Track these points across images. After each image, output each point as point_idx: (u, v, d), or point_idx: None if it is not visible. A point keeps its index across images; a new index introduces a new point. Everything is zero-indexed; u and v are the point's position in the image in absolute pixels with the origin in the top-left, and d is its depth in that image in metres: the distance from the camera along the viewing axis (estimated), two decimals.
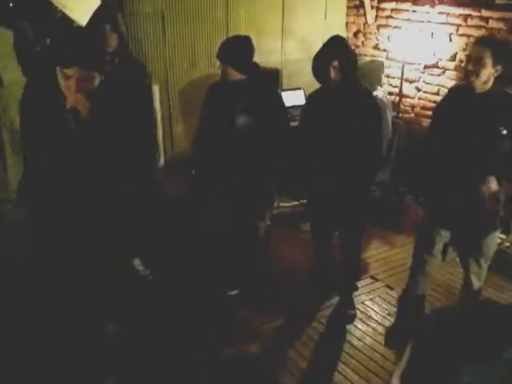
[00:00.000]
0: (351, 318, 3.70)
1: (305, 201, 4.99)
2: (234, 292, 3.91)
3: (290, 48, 5.55)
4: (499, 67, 2.76)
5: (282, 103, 3.79)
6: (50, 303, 2.92)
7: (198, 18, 4.80)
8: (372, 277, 4.23)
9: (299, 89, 5.39)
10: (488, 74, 2.77)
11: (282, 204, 5.04)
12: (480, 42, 2.88)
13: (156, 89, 4.40)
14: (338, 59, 3.16)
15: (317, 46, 5.55)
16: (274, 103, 3.63)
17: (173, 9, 4.62)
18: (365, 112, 3.26)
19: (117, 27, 3.61)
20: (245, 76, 3.47)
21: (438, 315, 1.07)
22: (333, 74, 3.18)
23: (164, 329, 3.50)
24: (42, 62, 3.59)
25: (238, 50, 3.46)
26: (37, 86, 2.57)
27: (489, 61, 2.73)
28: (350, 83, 3.26)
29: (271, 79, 4.82)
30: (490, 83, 2.81)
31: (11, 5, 3.66)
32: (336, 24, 5.83)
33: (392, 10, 5.45)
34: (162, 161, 4.56)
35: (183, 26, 4.73)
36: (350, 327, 3.63)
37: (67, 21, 3.98)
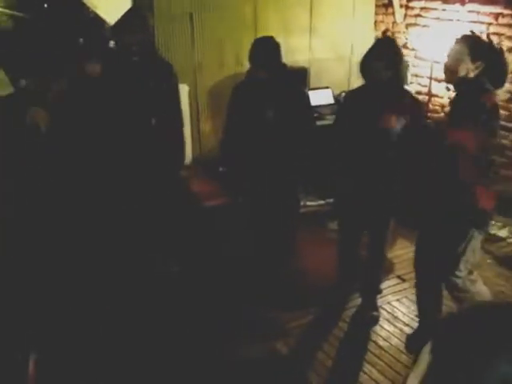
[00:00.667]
0: (374, 320, 3.67)
1: (331, 200, 5.01)
2: (256, 291, 3.92)
3: (317, 47, 5.54)
4: (479, 63, 2.78)
5: (308, 102, 3.79)
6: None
7: (225, 18, 4.84)
8: (399, 277, 4.19)
9: (327, 88, 5.38)
10: (466, 70, 2.80)
11: (308, 203, 5.04)
12: (458, 39, 2.94)
13: (185, 88, 4.44)
14: (387, 58, 3.16)
15: (345, 45, 5.60)
16: (299, 102, 3.63)
17: (201, 9, 4.66)
18: (410, 114, 3.24)
19: (144, 27, 3.64)
20: (273, 75, 3.48)
21: (459, 314, 1.06)
22: (382, 73, 3.17)
23: (191, 326, 3.53)
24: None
25: (267, 51, 3.48)
26: None
27: (466, 57, 2.77)
28: (394, 83, 3.25)
29: (299, 78, 4.82)
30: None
31: (46, 5, 3.74)
32: (364, 23, 5.80)
33: (421, 8, 5.41)
34: (187, 159, 4.60)
35: (211, 26, 4.77)
36: (376, 328, 3.61)
37: (100, 21, 4.07)
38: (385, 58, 3.16)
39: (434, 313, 3.23)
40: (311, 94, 4.63)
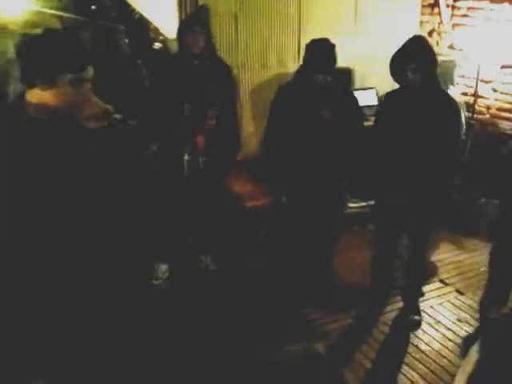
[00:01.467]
0: (416, 325, 3.62)
1: (372, 201, 4.97)
2: (297, 292, 3.93)
3: (362, 47, 5.50)
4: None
5: (357, 103, 3.77)
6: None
7: (269, 19, 4.85)
8: (442, 281, 4.14)
9: (371, 88, 5.34)
10: None
11: (350, 204, 5.02)
12: None
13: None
14: (416, 61, 3.10)
15: (390, 45, 5.53)
16: (349, 102, 3.63)
17: (246, 9, 4.68)
18: (446, 115, 3.20)
19: (207, 28, 3.64)
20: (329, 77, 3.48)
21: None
22: (410, 75, 3.12)
23: (230, 325, 3.56)
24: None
25: (326, 53, 3.48)
26: None
27: None
28: (429, 85, 3.19)
29: (344, 79, 4.81)
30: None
31: (93, 7, 3.83)
32: (410, 23, 5.73)
33: (468, 8, 5.31)
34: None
35: (255, 26, 4.79)
36: (418, 331, 3.57)
37: (145, 22, 4.15)
38: (413, 61, 3.10)
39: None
40: (356, 94, 4.60)
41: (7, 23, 3.53)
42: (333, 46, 3.49)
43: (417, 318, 3.66)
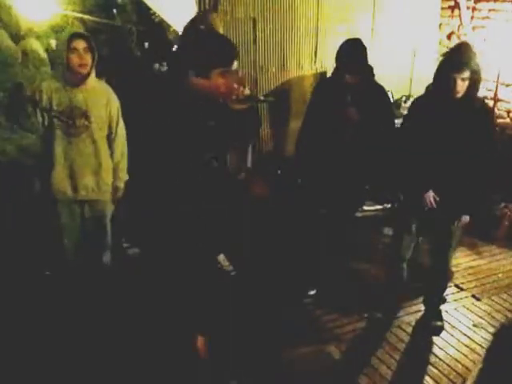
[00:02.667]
0: (438, 330, 3.61)
1: (389, 205, 4.97)
2: (313, 292, 3.95)
3: (380, 49, 5.49)
4: None
5: (389, 104, 3.77)
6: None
7: (287, 22, 4.89)
8: (457, 286, 4.12)
9: (387, 91, 5.32)
10: None
11: (365, 207, 5.02)
12: None
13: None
14: (469, 70, 3.02)
15: (408, 47, 5.53)
16: (382, 101, 3.65)
17: (264, 13, 4.72)
18: (483, 123, 3.19)
19: (211, 29, 3.67)
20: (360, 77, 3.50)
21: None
22: (460, 85, 3.04)
23: (242, 325, 3.58)
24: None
25: (359, 53, 3.50)
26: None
27: None
28: (471, 95, 3.13)
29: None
30: None
31: (115, 11, 3.89)
32: (429, 25, 5.71)
33: (489, 10, 5.27)
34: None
35: (273, 30, 4.82)
36: (432, 336, 3.57)
37: (165, 25, 4.20)
38: (466, 70, 3.02)
39: None
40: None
41: (33, 26, 3.61)
42: (363, 47, 3.49)
43: (439, 323, 3.64)
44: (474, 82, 3.08)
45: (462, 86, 3.04)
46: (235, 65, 2.61)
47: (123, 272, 3.98)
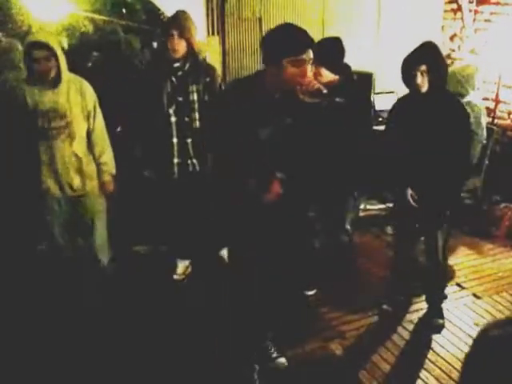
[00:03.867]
0: (439, 328, 3.66)
1: (391, 204, 5.01)
2: (311, 292, 4.00)
3: (383, 51, 5.54)
4: None
5: (370, 105, 3.80)
6: None
7: (293, 22, 4.90)
8: (458, 284, 4.17)
9: (391, 92, 5.38)
10: None
11: (368, 206, 5.07)
12: None
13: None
14: (426, 64, 3.14)
15: (411, 48, 5.55)
16: (362, 104, 3.68)
17: (270, 14, 4.76)
18: (452, 119, 3.24)
19: (184, 32, 3.61)
20: (337, 76, 3.51)
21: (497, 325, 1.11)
22: (419, 79, 3.16)
23: (246, 322, 3.60)
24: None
25: (331, 50, 3.51)
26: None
27: None
28: (437, 89, 3.23)
29: (364, 82, 4.84)
30: None
31: (124, 10, 3.92)
32: (432, 27, 5.76)
33: (491, 13, 5.33)
34: None
35: None
36: (434, 334, 3.61)
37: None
38: (422, 64, 3.15)
39: None
40: (376, 98, 4.64)
41: (44, 26, 3.63)
42: (334, 43, 3.54)
43: (440, 321, 3.69)
44: (436, 76, 3.17)
45: (422, 80, 3.15)
46: (309, 55, 2.56)
47: (121, 269, 4.04)
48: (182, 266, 4.16)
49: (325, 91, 2.78)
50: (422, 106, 3.26)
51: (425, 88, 3.19)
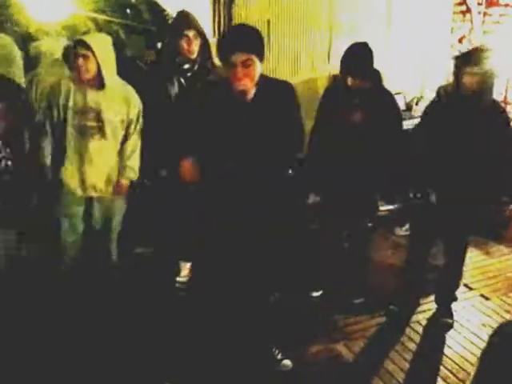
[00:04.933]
0: (448, 327, 3.65)
1: (400, 205, 4.99)
2: (317, 293, 3.98)
3: (393, 52, 5.53)
4: None
5: (397, 106, 3.78)
6: None
7: (301, 25, 4.92)
8: (466, 285, 4.14)
9: (399, 93, 5.36)
10: None
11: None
12: None
13: None
14: (479, 66, 3.12)
15: (420, 50, 5.55)
16: (389, 104, 3.65)
17: (278, 16, 4.76)
18: (493, 124, 3.23)
19: (201, 33, 3.63)
20: (367, 82, 3.51)
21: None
22: (467, 79, 3.14)
23: (249, 323, 3.59)
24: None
25: (360, 56, 3.49)
26: None
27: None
28: (481, 93, 3.20)
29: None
30: None
31: (128, 10, 3.95)
32: (441, 29, 5.74)
33: (500, 15, 5.30)
34: None
35: (287, 32, 4.87)
36: (441, 335, 3.59)
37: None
38: (475, 64, 3.12)
39: None
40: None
41: (46, 26, 3.66)
42: (368, 50, 3.49)
43: (450, 320, 3.68)
44: (485, 80, 3.15)
45: (471, 81, 3.12)
46: (238, 58, 2.53)
47: (131, 270, 4.03)
48: (186, 268, 4.14)
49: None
50: (464, 109, 3.22)
51: (473, 89, 3.16)
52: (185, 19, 3.61)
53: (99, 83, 3.38)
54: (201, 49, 3.59)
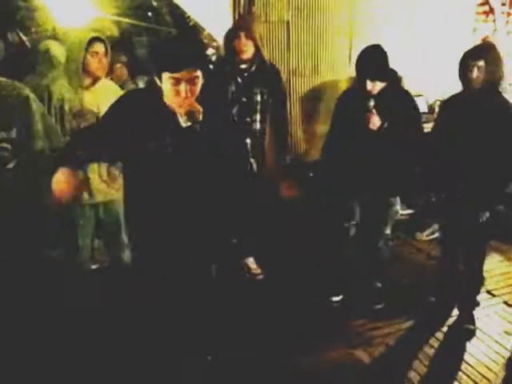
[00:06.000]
0: (471, 334, 3.60)
1: (420, 209, 4.94)
2: (338, 298, 3.95)
3: (413, 53, 5.47)
4: None
5: (417, 107, 3.74)
6: None
7: (321, 25, 4.88)
8: (489, 292, 4.08)
9: (420, 95, 5.30)
10: None
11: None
12: None
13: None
14: (484, 60, 3.16)
15: (442, 51, 5.48)
16: (408, 108, 3.60)
17: (298, 17, 4.74)
18: (503, 121, 3.21)
19: (252, 35, 3.68)
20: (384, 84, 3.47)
21: None
22: (475, 73, 3.18)
23: (267, 330, 3.58)
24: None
25: (375, 59, 3.46)
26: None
27: None
28: (491, 88, 3.22)
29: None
30: None
31: (150, 13, 3.95)
32: (463, 29, 5.66)
33: None
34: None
35: (307, 33, 4.83)
36: (463, 342, 3.54)
37: (199, 28, 4.23)
38: (480, 58, 3.16)
39: None
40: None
41: (70, 30, 3.67)
42: (383, 52, 3.46)
43: (471, 327, 3.63)
44: (492, 74, 3.17)
45: (477, 75, 3.16)
46: (188, 74, 2.27)
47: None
48: None
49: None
50: (474, 104, 3.24)
51: (479, 84, 3.20)
52: (239, 20, 3.80)
53: (96, 83, 3.38)
54: (256, 51, 3.67)
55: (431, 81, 5.53)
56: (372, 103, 3.44)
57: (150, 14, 4.27)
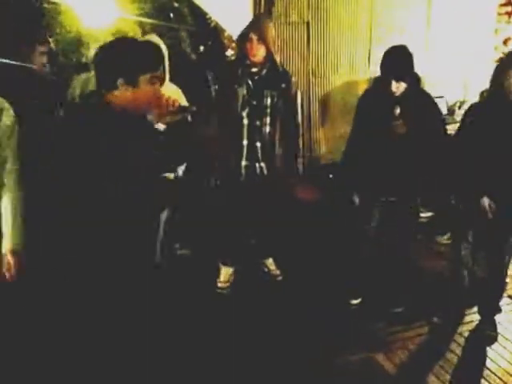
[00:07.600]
0: (492, 340, 3.56)
1: (440, 212, 4.89)
2: (356, 301, 3.92)
3: (434, 54, 5.43)
4: None
5: (441, 113, 3.69)
6: None
7: (341, 26, 4.88)
8: (510, 297, 4.03)
9: (441, 97, 5.26)
10: None
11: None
12: None
13: (297, 94, 4.50)
14: None
15: (463, 52, 5.44)
16: (433, 113, 3.56)
17: (318, 17, 4.73)
18: None
19: (264, 37, 3.60)
20: (408, 85, 3.42)
21: None
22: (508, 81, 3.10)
23: (286, 332, 3.56)
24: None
25: (400, 60, 3.40)
26: None
27: None
28: None
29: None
30: None
31: (171, 14, 3.95)
32: (484, 31, 5.62)
33: None
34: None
35: (327, 34, 4.82)
36: (484, 348, 3.50)
37: (220, 30, 4.23)
38: None
39: None
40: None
41: (93, 31, 3.69)
42: (409, 52, 3.41)
43: (493, 333, 3.59)
44: None
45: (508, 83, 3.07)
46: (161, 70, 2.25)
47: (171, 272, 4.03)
48: (225, 273, 4.12)
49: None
50: (507, 113, 3.16)
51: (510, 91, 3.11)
52: (251, 23, 3.67)
53: None
54: (268, 55, 3.62)
55: (451, 82, 5.50)
56: (398, 110, 3.40)
57: (171, 14, 4.26)
